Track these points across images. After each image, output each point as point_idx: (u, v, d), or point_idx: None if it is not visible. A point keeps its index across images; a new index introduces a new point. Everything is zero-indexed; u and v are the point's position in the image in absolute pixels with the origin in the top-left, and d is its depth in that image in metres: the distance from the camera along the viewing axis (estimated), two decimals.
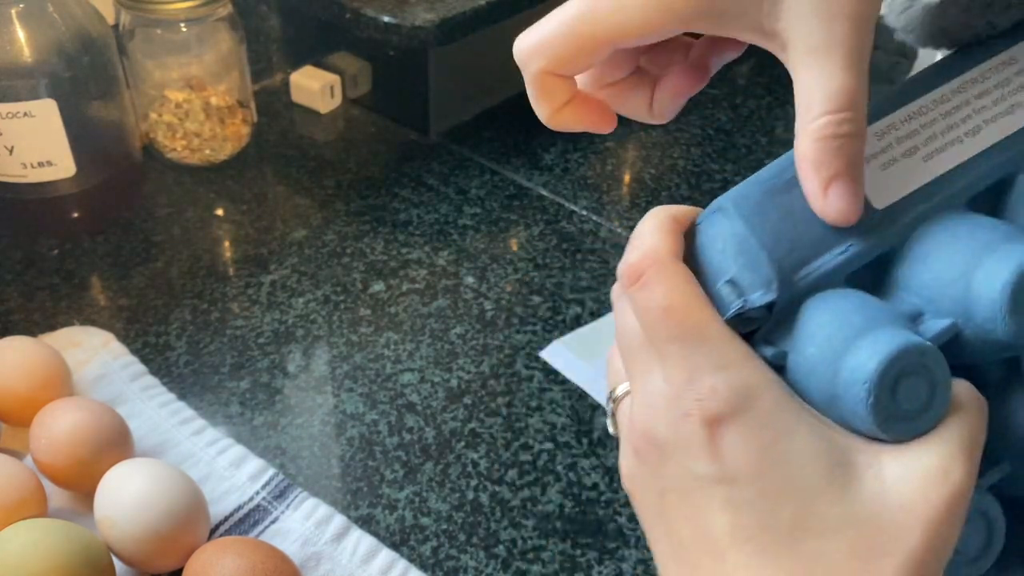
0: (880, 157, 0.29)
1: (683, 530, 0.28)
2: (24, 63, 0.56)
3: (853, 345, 0.26)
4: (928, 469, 0.25)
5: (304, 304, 0.59)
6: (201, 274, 0.61)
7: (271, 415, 0.52)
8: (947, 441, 0.26)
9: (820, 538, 0.26)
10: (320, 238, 0.65)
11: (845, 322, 0.27)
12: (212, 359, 0.55)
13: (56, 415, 0.45)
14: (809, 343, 0.27)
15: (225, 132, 0.70)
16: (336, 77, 0.77)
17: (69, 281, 0.60)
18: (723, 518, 0.27)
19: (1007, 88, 0.30)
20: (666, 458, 0.28)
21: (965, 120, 0.30)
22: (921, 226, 0.28)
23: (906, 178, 0.29)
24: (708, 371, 0.27)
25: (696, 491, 0.27)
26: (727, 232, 0.29)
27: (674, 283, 0.28)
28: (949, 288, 0.27)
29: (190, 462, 0.48)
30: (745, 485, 0.26)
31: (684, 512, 0.28)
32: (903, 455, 0.26)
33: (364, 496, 0.48)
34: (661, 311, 0.28)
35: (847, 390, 0.26)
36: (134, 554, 0.41)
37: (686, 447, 0.27)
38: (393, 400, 0.53)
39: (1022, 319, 0.25)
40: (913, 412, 0.26)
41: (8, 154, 0.58)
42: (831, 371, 0.26)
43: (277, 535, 0.45)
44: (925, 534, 0.25)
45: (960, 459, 0.26)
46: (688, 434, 0.27)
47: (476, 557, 0.45)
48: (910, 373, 0.25)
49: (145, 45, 0.66)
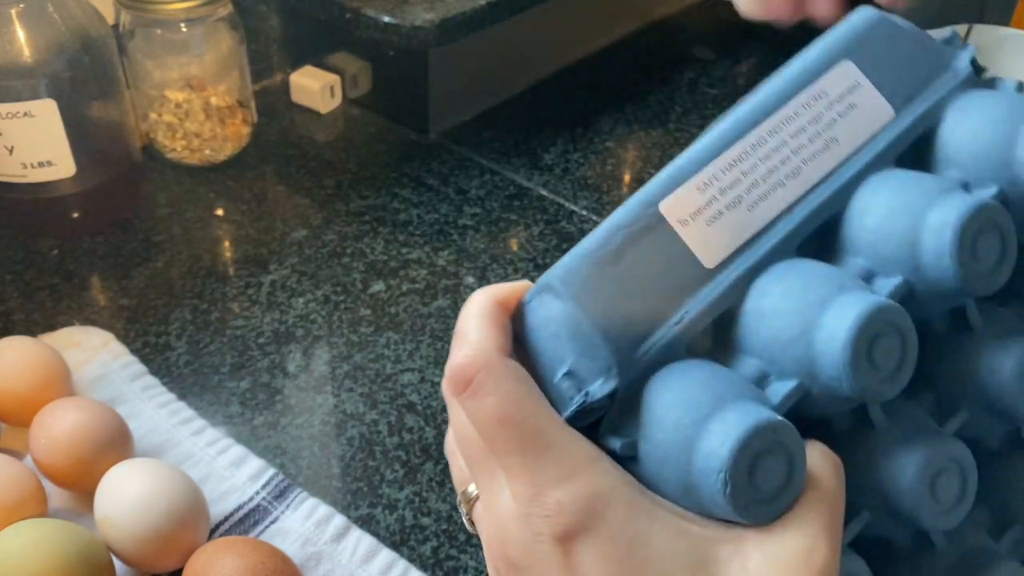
0: (705, 212, 0.28)
1: None
2: (24, 63, 0.56)
3: (704, 429, 0.25)
4: (792, 554, 0.25)
5: (304, 304, 0.59)
6: (201, 274, 0.61)
7: (271, 415, 0.52)
8: (807, 522, 0.25)
9: None
10: (320, 238, 0.65)
11: (692, 402, 0.25)
12: (212, 359, 0.55)
13: (56, 415, 0.45)
14: (657, 430, 0.26)
15: (225, 132, 0.70)
16: (336, 77, 0.77)
17: (69, 281, 0.60)
18: None
19: (820, 124, 0.29)
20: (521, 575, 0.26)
21: (784, 162, 0.29)
22: (755, 281, 0.27)
23: (734, 231, 0.28)
24: (552, 484, 0.25)
25: None
26: (559, 315, 0.27)
27: (507, 389, 0.26)
28: (790, 348, 0.26)
29: (190, 462, 0.48)
30: None
31: None
32: (765, 542, 0.25)
33: (364, 496, 0.48)
34: (496, 422, 0.26)
35: (703, 479, 0.25)
36: (134, 554, 0.41)
37: (541, 568, 0.26)
38: (393, 400, 0.53)
39: (866, 374, 0.25)
40: (772, 492, 0.25)
41: (8, 154, 0.58)
42: (684, 459, 0.25)
43: (277, 535, 0.45)
44: None
45: (823, 537, 0.25)
46: (542, 555, 0.25)
47: (476, 557, 0.45)
48: (765, 453, 0.24)
49: (145, 45, 0.66)
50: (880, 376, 0.25)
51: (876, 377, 0.25)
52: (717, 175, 0.28)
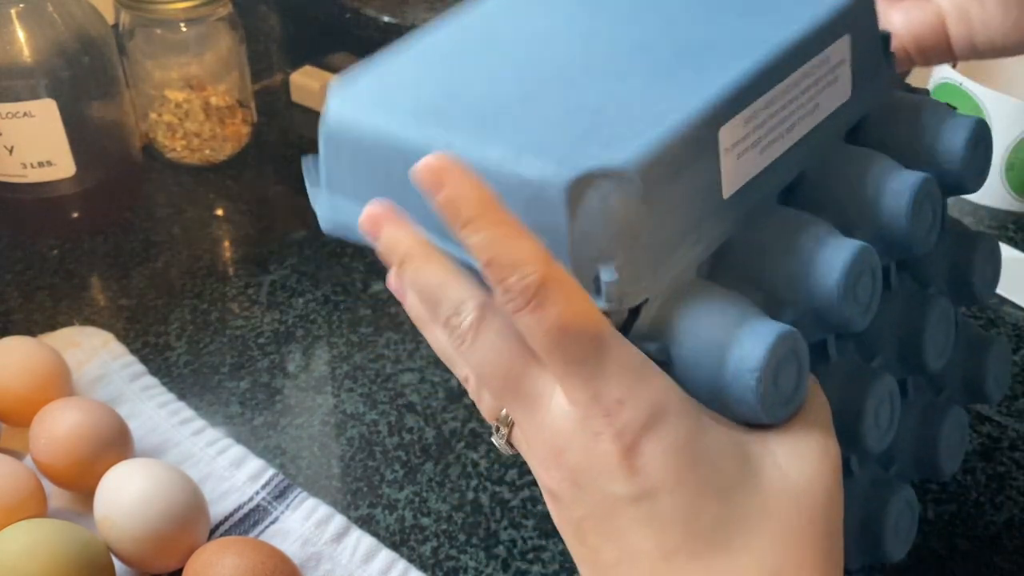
0: (741, 145, 0.29)
1: (607, 553, 0.27)
2: (24, 63, 0.56)
3: (736, 336, 0.27)
4: (814, 450, 0.27)
5: (304, 304, 0.59)
6: (201, 274, 0.61)
7: (271, 415, 0.52)
8: (817, 422, 0.28)
9: (745, 532, 0.26)
10: (320, 238, 0.65)
11: (723, 313, 0.27)
12: (212, 359, 0.55)
13: (56, 415, 0.45)
14: (690, 337, 0.27)
15: (225, 132, 0.70)
16: (336, 77, 0.77)
17: (69, 281, 0.60)
18: (647, 534, 0.26)
19: (816, 88, 0.32)
20: (582, 485, 0.27)
21: (790, 115, 0.31)
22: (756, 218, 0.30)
23: (746, 169, 0.30)
24: (612, 386, 0.26)
25: (616, 512, 0.26)
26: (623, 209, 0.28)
27: (568, 298, 0.26)
28: (789, 280, 0.29)
29: (190, 462, 0.48)
30: (666, 497, 0.26)
31: (605, 536, 0.27)
32: (787, 440, 0.27)
33: (364, 496, 0.48)
34: (558, 331, 0.26)
35: (735, 379, 0.27)
36: (134, 554, 0.41)
37: (601, 469, 0.26)
38: (393, 400, 0.53)
39: (851, 305, 0.29)
40: (788, 395, 0.28)
41: (8, 154, 0.58)
42: (716, 362, 0.27)
43: (277, 535, 0.45)
44: (828, 506, 0.27)
45: (831, 434, 0.28)
46: (602, 455, 0.26)
47: (476, 557, 0.45)
48: (785, 359, 0.27)
49: (145, 45, 0.66)
50: (860, 308, 0.30)
51: (858, 308, 0.29)
52: (758, 112, 0.29)
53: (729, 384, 0.27)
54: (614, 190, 0.26)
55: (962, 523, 0.47)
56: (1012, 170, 0.69)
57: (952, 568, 0.45)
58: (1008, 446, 0.52)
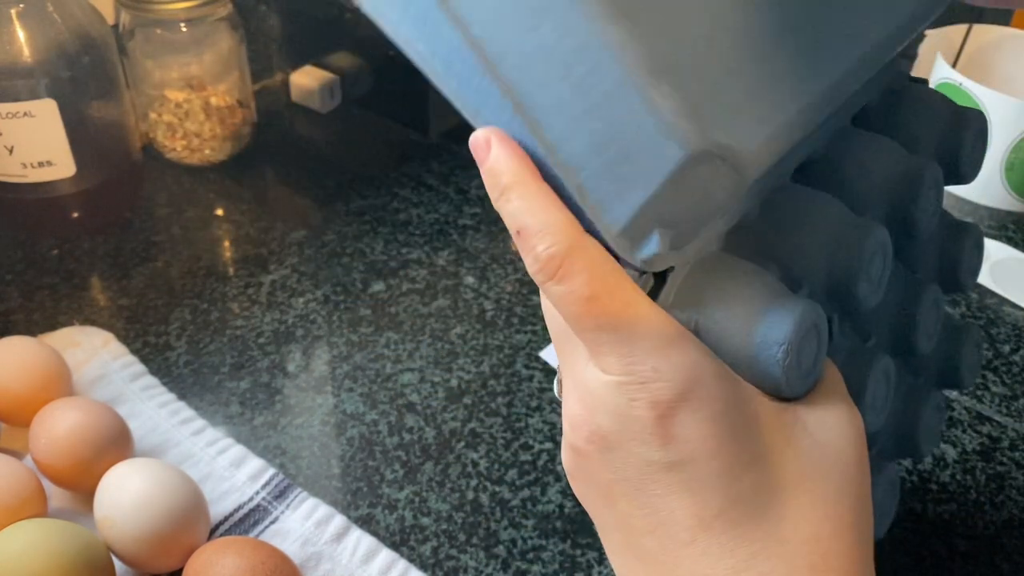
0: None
1: (640, 520, 0.27)
2: (24, 63, 0.56)
3: (764, 309, 0.27)
4: (840, 418, 0.28)
5: (304, 304, 0.59)
6: (201, 274, 0.61)
7: (271, 415, 0.52)
8: (837, 392, 0.29)
9: (782, 500, 0.26)
10: (320, 238, 0.65)
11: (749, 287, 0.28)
12: (212, 359, 0.55)
13: (56, 415, 0.45)
14: (718, 309, 0.27)
15: (225, 132, 0.70)
16: (336, 77, 0.77)
17: (69, 281, 0.60)
18: (684, 502, 0.26)
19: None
20: (612, 449, 0.27)
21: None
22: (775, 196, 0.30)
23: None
24: (647, 353, 0.26)
25: (649, 479, 0.26)
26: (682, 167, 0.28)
27: (593, 267, 0.26)
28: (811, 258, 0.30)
29: (190, 462, 0.48)
30: (703, 464, 0.26)
31: (638, 502, 0.27)
32: (814, 411, 0.28)
33: (364, 496, 0.48)
34: (585, 301, 0.26)
35: (761, 351, 0.27)
36: (134, 554, 0.41)
37: (634, 435, 0.26)
38: (393, 400, 0.53)
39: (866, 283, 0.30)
40: (808, 369, 0.28)
41: (8, 154, 0.58)
42: (743, 335, 0.27)
43: (277, 535, 0.45)
44: (860, 471, 0.27)
45: (852, 404, 0.29)
46: (635, 421, 0.26)
47: (476, 557, 0.45)
48: (809, 332, 0.27)
49: (145, 45, 0.66)
50: (872, 286, 0.30)
51: (871, 287, 0.30)
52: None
53: (755, 356, 0.27)
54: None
55: (962, 523, 0.47)
56: (1012, 170, 0.69)
57: (952, 568, 0.45)
58: (1008, 446, 0.52)
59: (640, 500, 0.27)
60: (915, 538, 0.47)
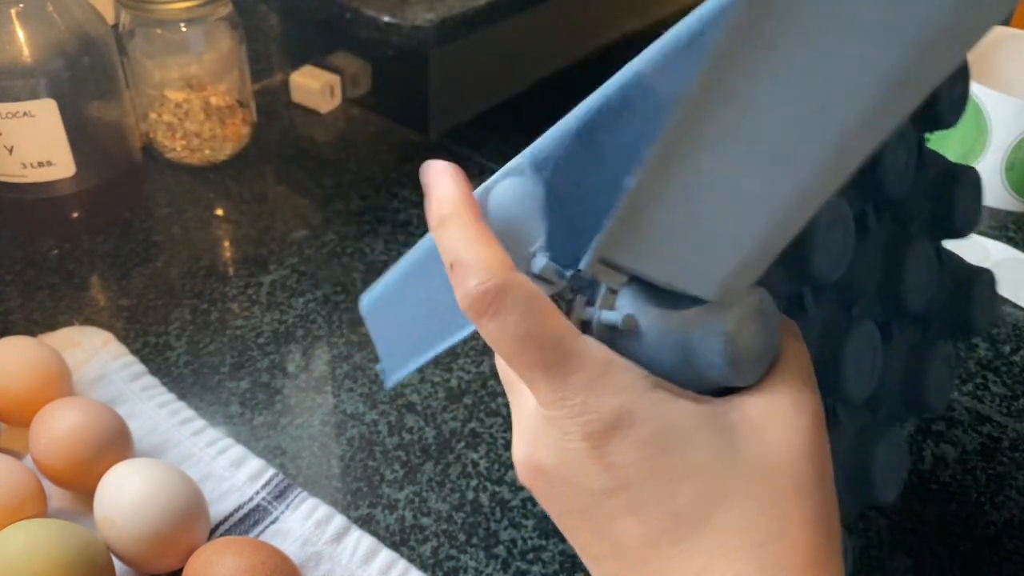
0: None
1: (596, 547, 0.27)
2: (24, 63, 0.56)
3: (699, 300, 0.27)
4: (786, 407, 0.27)
5: (304, 304, 0.59)
6: (201, 274, 0.61)
7: (271, 415, 0.52)
8: (790, 376, 0.28)
9: (726, 508, 0.26)
10: (320, 238, 0.65)
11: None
12: (212, 359, 0.55)
13: (56, 415, 0.45)
14: (654, 305, 0.27)
15: (225, 132, 0.70)
16: (336, 77, 0.77)
17: (69, 281, 0.60)
18: (629, 525, 0.26)
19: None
20: (556, 482, 0.27)
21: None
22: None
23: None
24: (578, 387, 0.26)
25: (595, 507, 0.27)
26: (526, 194, 0.28)
27: (526, 305, 0.26)
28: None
29: (190, 462, 0.48)
30: (641, 485, 0.26)
31: (590, 529, 0.27)
32: (760, 400, 0.27)
33: (364, 496, 0.48)
34: (519, 340, 0.26)
35: (702, 345, 0.26)
36: (134, 554, 0.41)
37: (573, 467, 0.27)
38: (393, 400, 0.53)
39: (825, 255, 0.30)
40: (757, 354, 0.27)
41: (8, 154, 0.58)
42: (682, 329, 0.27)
43: (277, 535, 0.45)
44: (809, 462, 0.27)
45: (806, 387, 0.28)
46: (572, 453, 0.26)
47: (476, 557, 0.45)
48: (751, 318, 0.27)
49: (145, 45, 0.66)
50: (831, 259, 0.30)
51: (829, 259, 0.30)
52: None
53: (696, 350, 0.27)
54: (517, 184, 0.27)
55: (962, 523, 0.47)
56: (1012, 170, 0.69)
57: (952, 568, 0.45)
58: (1008, 446, 0.52)
59: (592, 528, 0.27)
60: (915, 538, 0.47)
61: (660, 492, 0.26)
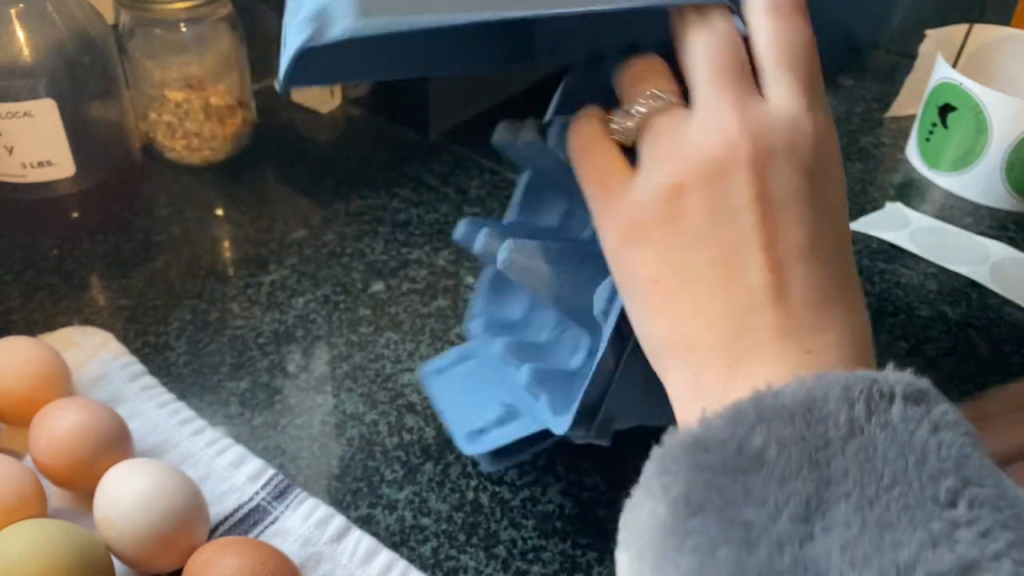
0: None
1: (715, 251, 0.30)
2: (24, 63, 0.56)
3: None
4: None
5: (304, 304, 0.59)
6: (201, 274, 0.61)
7: (271, 415, 0.52)
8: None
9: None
10: (320, 238, 0.65)
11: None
12: (212, 359, 0.55)
13: (56, 415, 0.45)
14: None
15: (225, 132, 0.70)
16: None
17: (69, 281, 0.60)
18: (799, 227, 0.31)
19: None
20: (770, 165, 0.31)
21: None
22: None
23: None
24: (815, 104, 0.31)
25: (801, 194, 0.31)
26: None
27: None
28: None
29: (190, 462, 0.48)
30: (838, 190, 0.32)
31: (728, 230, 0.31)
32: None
33: (364, 496, 0.48)
34: (807, 46, 0.31)
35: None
36: (134, 554, 0.41)
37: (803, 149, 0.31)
38: (393, 400, 0.53)
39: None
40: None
41: (8, 154, 0.58)
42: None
43: (277, 535, 0.45)
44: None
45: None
46: (807, 136, 0.31)
47: (476, 557, 0.45)
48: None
49: (145, 45, 0.66)
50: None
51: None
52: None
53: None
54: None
55: None
56: (1012, 170, 0.69)
57: None
58: None
59: (731, 228, 0.31)
60: None
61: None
